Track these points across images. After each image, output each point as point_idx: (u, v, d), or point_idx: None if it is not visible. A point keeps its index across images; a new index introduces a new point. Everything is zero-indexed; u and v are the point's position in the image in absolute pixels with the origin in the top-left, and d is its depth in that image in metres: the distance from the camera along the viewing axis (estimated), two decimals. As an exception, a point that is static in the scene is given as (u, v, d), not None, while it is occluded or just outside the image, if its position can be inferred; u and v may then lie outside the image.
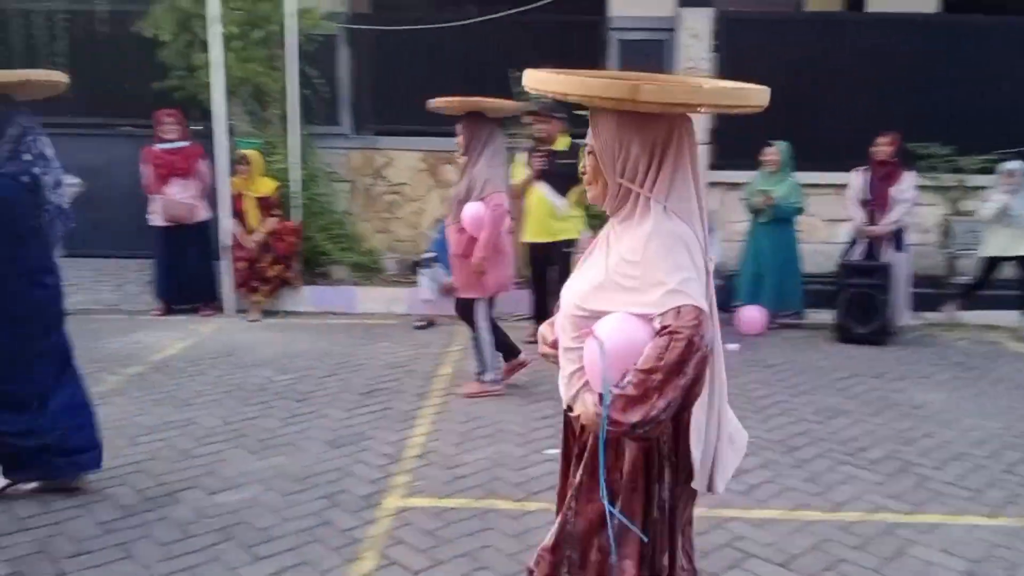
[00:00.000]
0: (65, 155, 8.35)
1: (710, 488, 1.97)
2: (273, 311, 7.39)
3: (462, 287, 5.16)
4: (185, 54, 7.59)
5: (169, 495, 3.71)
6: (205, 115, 7.81)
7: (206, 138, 7.48)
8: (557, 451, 2.24)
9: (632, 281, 1.77)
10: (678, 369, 1.69)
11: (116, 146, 9.22)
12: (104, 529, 3.36)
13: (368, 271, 7.94)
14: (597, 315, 1.80)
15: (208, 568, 3.10)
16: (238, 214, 7.21)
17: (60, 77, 3.65)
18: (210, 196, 7.29)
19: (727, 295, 7.45)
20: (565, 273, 6.11)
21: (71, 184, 7.15)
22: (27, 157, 3.43)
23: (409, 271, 7.85)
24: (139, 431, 4.50)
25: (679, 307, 1.72)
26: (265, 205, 7.22)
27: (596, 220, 7.28)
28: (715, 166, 8.44)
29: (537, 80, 1.80)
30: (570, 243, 6.08)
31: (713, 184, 8.42)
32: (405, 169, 8.75)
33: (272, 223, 7.24)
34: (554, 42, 8.51)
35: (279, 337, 6.63)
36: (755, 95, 1.79)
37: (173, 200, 7.17)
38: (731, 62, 8.20)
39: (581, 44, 8.75)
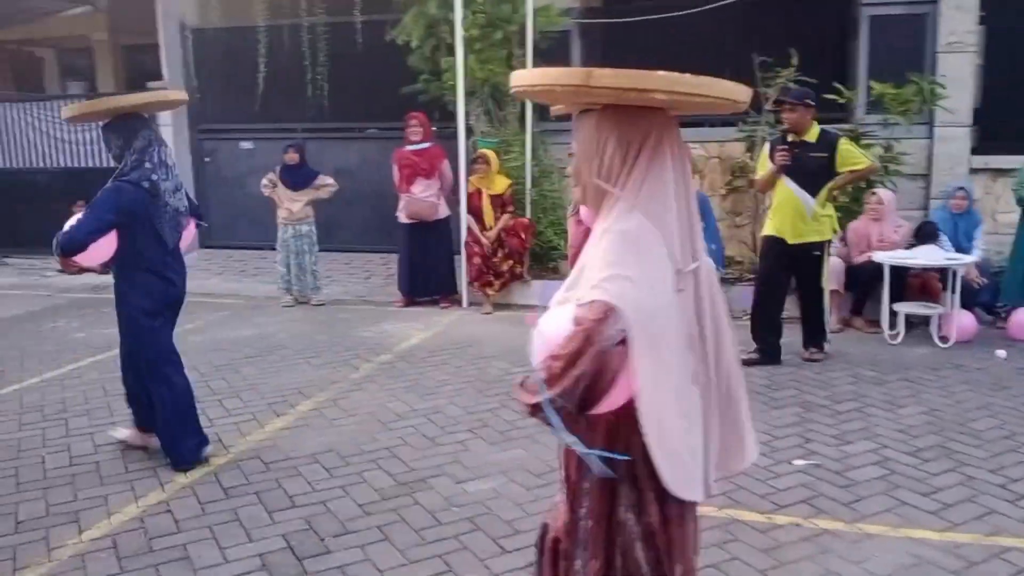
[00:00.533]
0: (321, 157, 9.11)
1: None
2: (505, 304, 7.59)
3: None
4: (431, 58, 7.96)
5: (420, 480, 3.88)
6: (446, 116, 8.17)
7: (449, 139, 7.82)
8: (805, 462, 2.02)
9: (582, 276, 1.80)
10: (573, 360, 1.67)
11: (366, 148, 9.92)
12: (364, 511, 3.58)
13: (597, 266, 7.92)
14: None
15: (458, 556, 3.20)
16: (475, 211, 7.47)
17: (180, 96, 4.29)
18: (451, 194, 7.62)
19: (993, 294, 6.68)
20: (810, 279, 5.72)
21: (327, 184, 7.77)
22: (148, 165, 3.96)
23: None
24: (390, 417, 4.76)
25: (592, 301, 1.70)
26: (500, 202, 7.42)
27: (852, 217, 6.81)
28: (978, 150, 7.59)
29: (514, 79, 1.84)
30: (819, 245, 5.61)
31: (976, 171, 7.58)
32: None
33: (506, 219, 7.43)
34: (798, 22, 8.02)
35: (512, 330, 6.77)
36: (722, 87, 1.75)
37: (416, 198, 7.56)
38: (999, 37, 7.32)
39: (828, 22, 8.18)
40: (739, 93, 1.79)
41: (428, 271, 7.69)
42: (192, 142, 10.21)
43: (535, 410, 1.73)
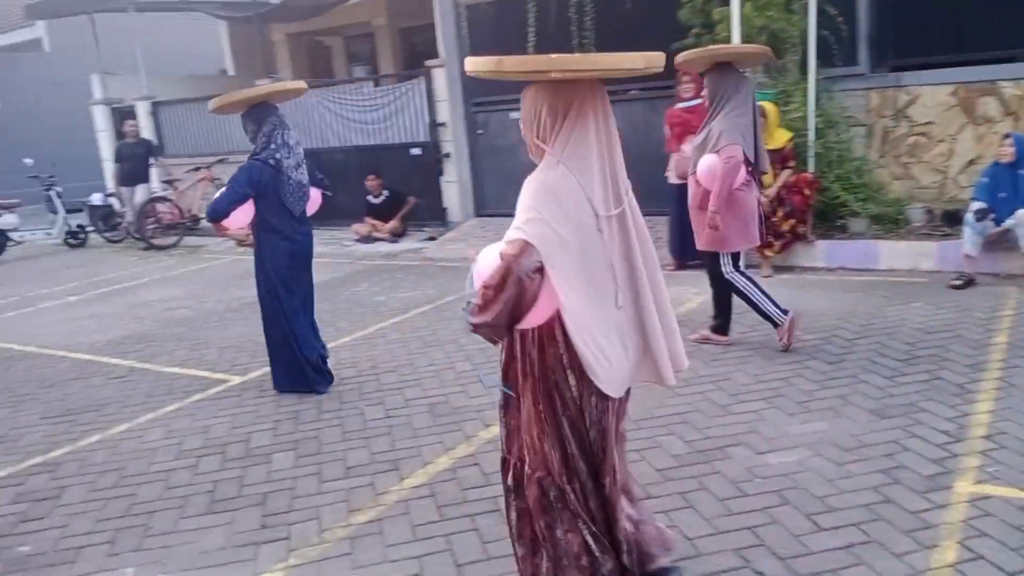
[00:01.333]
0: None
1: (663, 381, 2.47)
2: (785, 267, 7.19)
3: (703, 242, 5.09)
4: (703, 10, 7.66)
5: (718, 449, 3.78)
6: (717, 71, 7.84)
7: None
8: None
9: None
10: (500, 287, 2.14)
11: (630, 110, 9.82)
12: (663, 476, 3.55)
13: (890, 223, 7.25)
14: None
15: (770, 530, 3.07)
16: (752, 168, 7.12)
17: (298, 85, 5.04)
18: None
19: None
20: None
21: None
22: (273, 146, 4.73)
23: (942, 222, 6.98)
24: (678, 383, 4.66)
25: (513, 239, 2.18)
26: (780, 157, 6.99)
27: None
28: None
29: (468, 64, 2.24)
30: None
31: None
32: (931, 106, 7.76)
33: (786, 176, 7.00)
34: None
35: (795, 294, 6.40)
36: (608, 60, 2.16)
37: (686, 157, 7.33)
38: None
39: None
40: (630, 62, 2.18)
41: (700, 233, 7.47)
42: (466, 115, 10.68)
43: (476, 328, 2.23)
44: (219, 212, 4.69)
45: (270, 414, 4.74)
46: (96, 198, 12.60)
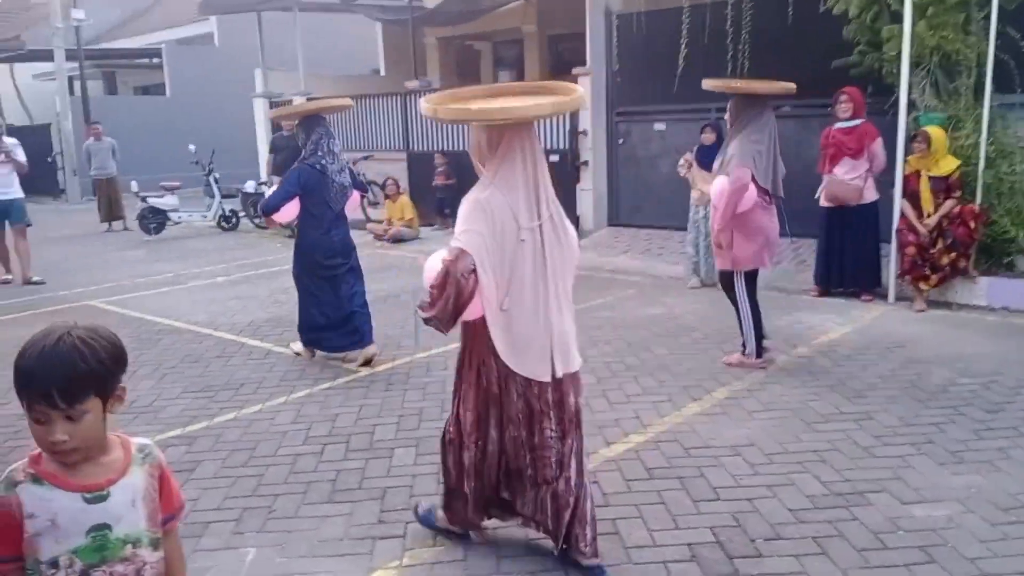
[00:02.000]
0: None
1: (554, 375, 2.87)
2: (941, 302, 6.70)
3: (718, 261, 5.37)
4: (871, 27, 7.24)
5: (858, 494, 3.51)
6: (880, 91, 7.40)
7: (881, 115, 7.09)
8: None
9: None
10: (442, 288, 2.69)
11: (781, 127, 9.34)
12: (796, 517, 3.32)
13: (1065, 264, 6.62)
14: None
15: (913, 590, 2.81)
16: (912, 195, 6.67)
17: (344, 102, 6.04)
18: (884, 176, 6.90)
19: None
20: None
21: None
22: (320, 153, 5.43)
23: None
24: (814, 417, 4.41)
25: (452, 247, 2.72)
26: (945, 186, 6.53)
27: None
28: None
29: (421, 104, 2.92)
30: None
31: None
32: None
33: (950, 206, 6.51)
34: None
35: (952, 333, 5.94)
36: (517, 111, 2.78)
37: (838, 180, 6.97)
38: None
39: None
40: (538, 109, 2.81)
41: (848, 260, 7.07)
42: (608, 124, 10.58)
43: (427, 322, 2.76)
44: (271, 206, 5.50)
45: (395, 408, 4.79)
46: (249, 186, 13.28)
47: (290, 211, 5.51)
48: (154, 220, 12.81)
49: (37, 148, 19.03)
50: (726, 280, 5.36)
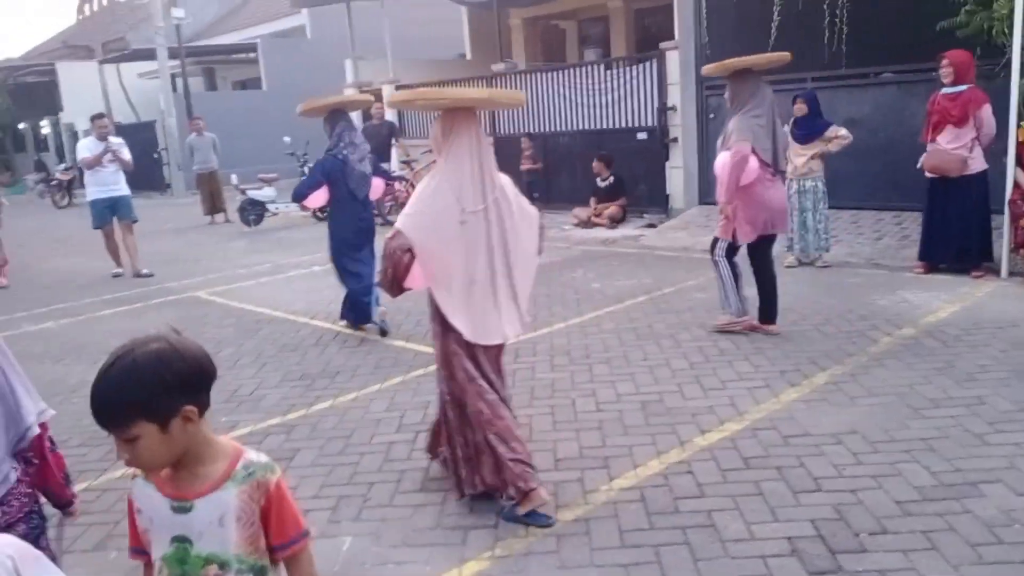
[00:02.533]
0: (831, 107, 8.49)
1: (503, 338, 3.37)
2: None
3: (720, 229, 5.52)
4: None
5: (970, 485, 3.33)
6: (990, 53, 6.96)
7: (991, 79, 6.67)
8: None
9: None
10: (384, 260, 3.23)
11: (880, 94, 9.01)
12: (903, 510, 3.17)
13: None
14: None
15: (1033, 591, 2.65)
16: (1025, 164, 6.27)
17: (364, 98, 6.94)
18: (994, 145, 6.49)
19: None
20: None
21: (840, 136, 7.19)
22: (342, 144, 5.98)
23: None
24: (922, 403, 4.20)
25: (394, 227, 3.24)
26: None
27: None
28: None
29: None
30: None
31: None
32: None
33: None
34: None
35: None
36: (463, 96, 3.42)
37: (939, 150, 6.61)
38: None
39: None
40: (477, 94, 3.79)
41: (956, 233, 6.70)
42: (698, 99, 10.32)
43: (379, 285, 3.45)
44: (299, 194, 6.11)
45: (485, 396, 4.81)
46: (342, 175, 13.57)
47: (319, 198, 6.12)
48: (253, 212, 13.25)
49: (143, 145, 19.97)
50: (713, 243, 5.66)
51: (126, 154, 9.59)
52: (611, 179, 10.54)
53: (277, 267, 9.68)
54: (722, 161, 5.30)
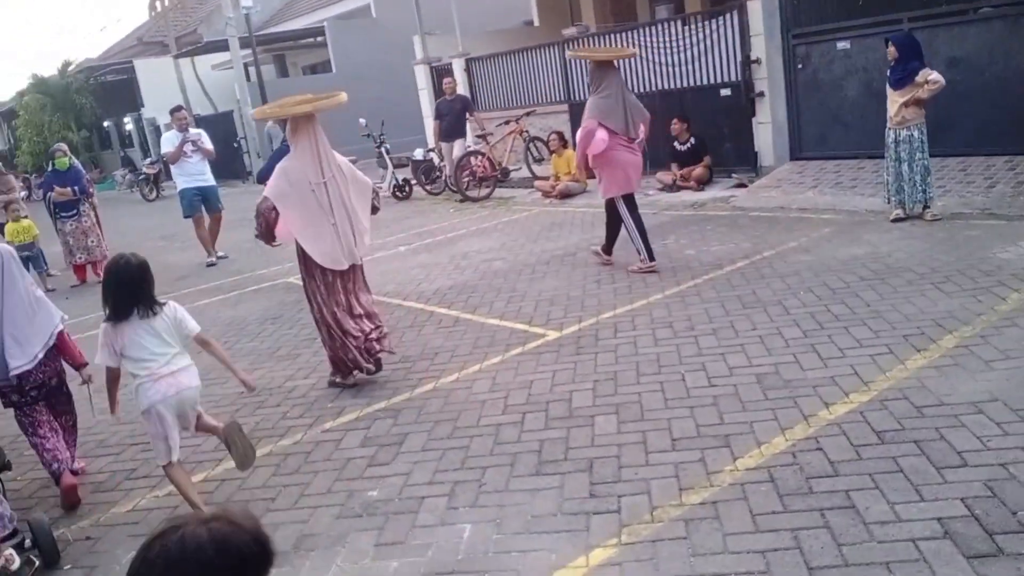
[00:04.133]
0: (931, 47, 7.94)
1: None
2: None
3: (600, 189, 6.90)
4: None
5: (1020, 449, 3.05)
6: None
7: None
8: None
9: None
10: (258, 217, 4.77)
11: (984, 31, 8.42)
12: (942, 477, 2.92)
13: None
14: None
15: None
16: None
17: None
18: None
19: None
20: None
21: (928, 82, 6.66)
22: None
23: None
24: (987, 363, 3.89)
25: (263, 194, 4.77)
26: None
27: None
28: None
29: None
30: None
31: None
32: None
33: None
34: None
35: None
36: (321, 102, 4.76)
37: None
38: None
39: None
40: (331, 100, 4.81)
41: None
42: (785, 49, 9.84)
43: (257, 238, 5.04)
44: (262, 176, 6.70)
45: (588, 373, 4.69)
46: (418, 153, 13.53)
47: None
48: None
49: (223, 135, 20.35)
50: (609, 205, 6.81)
51: (207, 143, 9.75)
52: (690, 142, 10.18)
53: (363, 249, 9.70)
54: (578, 136, 6.71)
